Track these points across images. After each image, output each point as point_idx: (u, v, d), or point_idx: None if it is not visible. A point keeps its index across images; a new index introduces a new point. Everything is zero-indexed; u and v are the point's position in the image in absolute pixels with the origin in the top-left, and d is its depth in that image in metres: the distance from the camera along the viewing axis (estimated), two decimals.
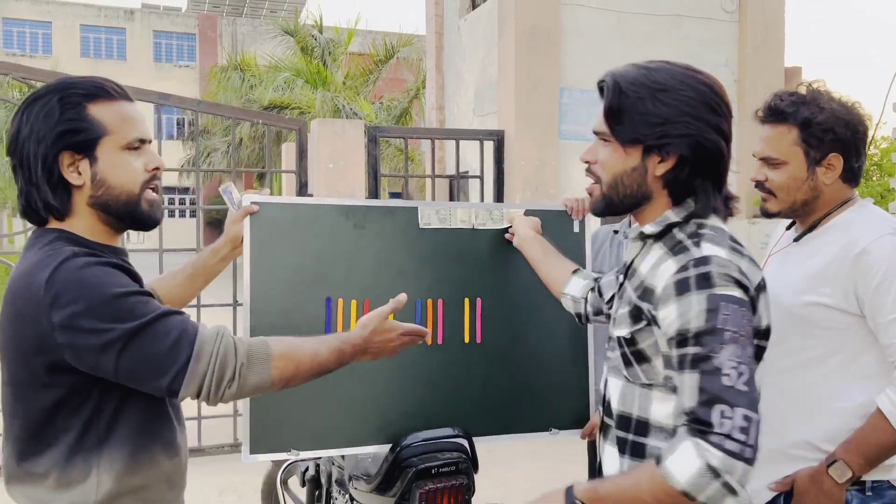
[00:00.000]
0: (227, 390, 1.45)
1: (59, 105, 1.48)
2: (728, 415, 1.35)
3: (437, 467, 2.13)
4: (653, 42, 7.44)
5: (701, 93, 1.52)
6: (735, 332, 1.40)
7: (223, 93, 19.79)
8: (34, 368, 1.43)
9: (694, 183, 1.54)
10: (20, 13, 34.80)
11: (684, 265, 1.47)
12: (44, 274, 1.40)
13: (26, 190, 1.50)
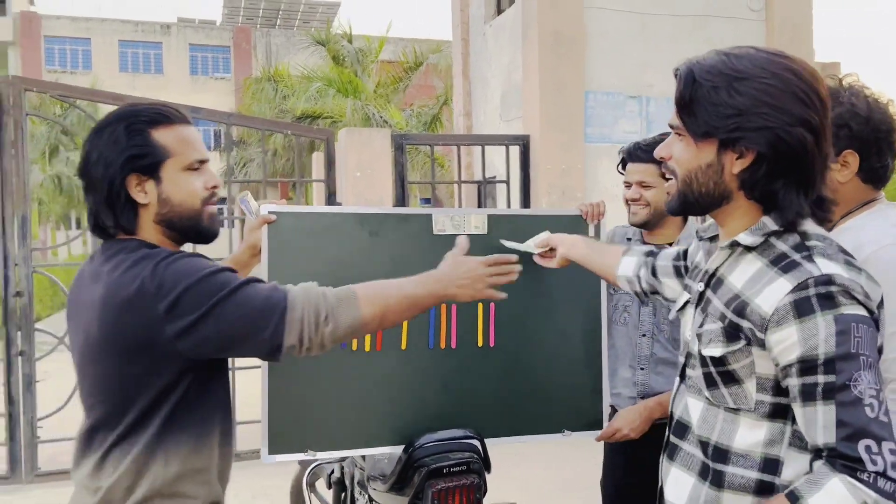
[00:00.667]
0: (325, 330, 1.58)
1: (126, 132, 1.61)
2: (875, 450, 1.24)
3: (449, 467, 2.19)
4: (677, 43, 7.43)
5: (786, 80, 1.36)
6: (869, 355, 1.28)
7: (257, 104, 20.12)
8: (134, 361, 1.55)
9: (775, 184, 1.39)
10: (61, 31, 35.66)
11: (802, 283, 1.32)
12: (146, 272, 1.53)
13: (96, 209, 1.64)
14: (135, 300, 1.52)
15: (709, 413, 1.47)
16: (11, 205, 5.57)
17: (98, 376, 1.60)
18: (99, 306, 1.57)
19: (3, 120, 5.56)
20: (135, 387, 1.57)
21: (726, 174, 1.42)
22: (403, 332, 2.28)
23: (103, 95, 6.36)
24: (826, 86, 1.41)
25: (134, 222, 1.64)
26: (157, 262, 1.55)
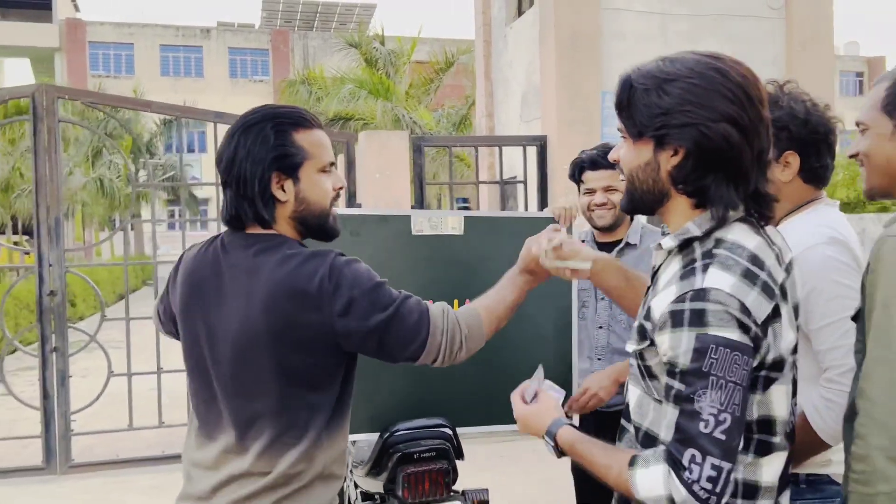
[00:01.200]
0: (459, 355, 1.79)
1: (273, 132, 1.70)
2: (698, 461, 1.35)
3: (420, 453, 2.34)
4: (696, 42, 7.46)
5: (710, 79, 1.42)
6: (721, 377, 1.35)
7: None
8: (303, 353, 1.66)
9: (706, 179, 1.44)
10: (105, 37, 36.54)
11: (681, 296, 1.40)
12: (323, 270, 1.65)
13: (236, 202, 1.72)
14: (313, 295, 1.63)
15: (643, 401, 1.56)
16: (46, 208, 5.83)
17: (264, 366, 1.67)
18: (265, 298, 1.65)
19: (38, 126, 5.82)
20: (305, 377, 1.68)
21: (662, 172, 1.48)
22: None
23: (131, 102, 6.63)
24: (761, 86, 1.48)
25: (273, 217, 1.72)
26: (333, 261, 1.68)
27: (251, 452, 1.68)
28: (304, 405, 1.69)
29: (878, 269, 1.49)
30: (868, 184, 1.74)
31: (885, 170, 1.66)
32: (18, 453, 6.25)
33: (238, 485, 1.68)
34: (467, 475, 2.60)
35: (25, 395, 6.39)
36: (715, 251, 1.42)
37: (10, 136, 18.46)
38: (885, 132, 1.64)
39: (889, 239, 1.50)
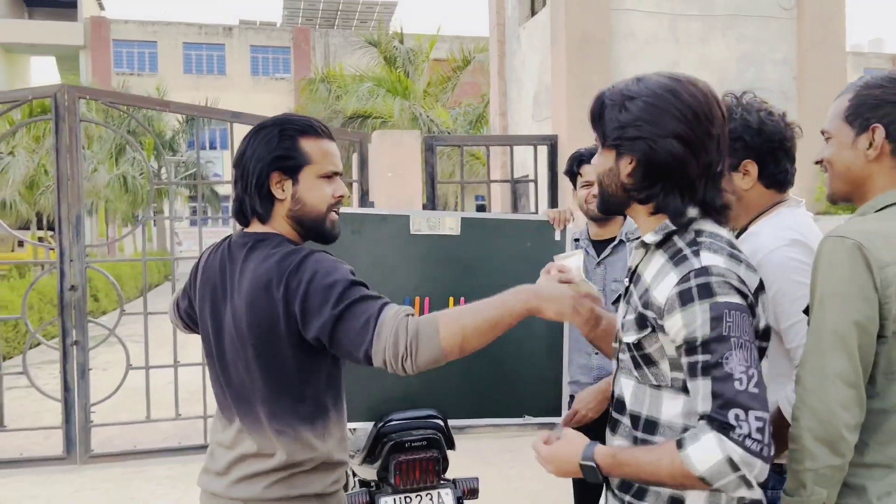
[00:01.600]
0: (405, 364, 1.69)
1: (278, 135, 1.85)
2: (743, 418, 1.44)
3: (411, 442, 2.45)
4: (707, 43, 7.52)
5: (663, 99, 1.57)
6: (739, 336, 1.47)
7: (311, 104, 20.61)
8: (288, 341, 1.77)
9: (654, 188, 1.60)
10: (129, 35, 36.96)
11: (685, 276, 1.52)
12: (295, 258, 1.76)
13: (241, 197, 1.88)
14: (280, 286, 1.74)
15: (638, 390, 1.65)
16: (67, 205, 6.00)
17: (250, 357, 1.80)
18: (247, 292, 1.79)
19: (59, 126, 5.99)
20: (288, 367, 1.79)
21: (621, 178, 1.64)
22: None
23: (150, 102, 6.79)
24: (714, 107, 1.59)
25: (269, 213, 1.86)
26: (304, 255, 1.78)
27: (253, 437, 1.82)
28: (291, 394, 1.80)
29: (818, 267, 1.60)
30: (830, 189, 1.82)
31: (846, 176, 1.75)
32: (40, 444, 6.44)
33: (248, 463, 1.82)
34: (477, 468, 2.70)
35: (48, 388, 6.59)
36: (699, 239, 1.57)
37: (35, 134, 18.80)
38: (846, 141, 1.73)
39: (829, 239, 1.61)
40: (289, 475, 1.80)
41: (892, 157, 1.68)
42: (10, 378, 8.06)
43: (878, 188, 1.70)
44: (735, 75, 7.65)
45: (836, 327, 1.56)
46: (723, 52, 7.58)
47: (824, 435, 1.55)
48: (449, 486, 2.56)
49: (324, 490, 1.84)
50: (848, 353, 1.56)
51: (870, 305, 1.55)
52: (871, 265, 1.55)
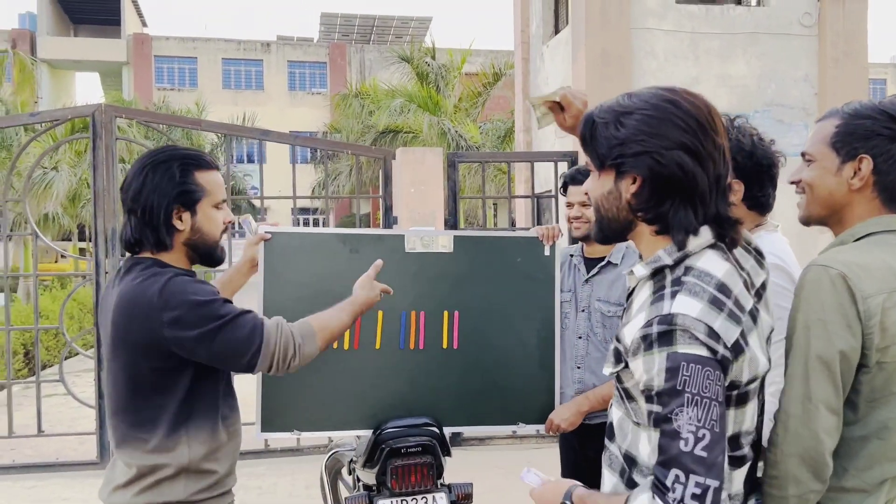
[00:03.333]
0: (293, 363, 2.00)
1: (179, 171, 2.01)
2: (682, 480, 1.36)
3: (407, 448, 2.60)
4: (727, 60, 7.58)
5: (663, 110, 1.47)
6: (696, 394, 1.37)
7: (345, 119, 20.93)
8: (144, 358, 1.92)
9: (664, 206, 1.49)
10: (170, 51, 37.74)
11: (649, 321, 1.43)
12: (156, 287, 1.91)
13: (140, 228, 2.01)
14: (145, 307, 1.90)
15: (623, 423, 1.59)
16: (103, 219, 6.27)
17: (114, 369, 1.97)
18: (114, 310, 1.96)
19: (96, 143, 6.27)
20: (148, 380, 1.94)
21: (623, 200, 1.52)
22: (378, 333, 2.70)
23: (182, 120, 7.05)
24: (716, 116, 1.51)
25: (169, 242, 2.01)
26: (168, 280, 1.92)
27: (119, 447, 1.97)
28: (149, 405, 1.95)
29: (801, 295, 1.62)
30: (806, 211, 1.82)
31: (826, 202, 1.75)
32: (76, 448, 6.70)
33: (120, 472, 1.98)
34: (497, 478, 2.78)
35: (86, 395, 6.84)
36: (684, 279, 1.46)
37: (77, 149, 19.35)
38: (830, 167, 1.72)
39: (813, 267, 1.63)
40: (153, 482, 1.94)
41: (874, 187, 1.69)
42: (51, 385, 8.36)
43: (856, 216, 1.71)
44: (756, 92, 7.70)
45: (822, 354, 1.56)
46: (743, 69, 7.64)
47: (809, 461, 1.56)
48: (444, 490, 2.71)
49: (188, 497, 1.96)
50: (832, 380, 1.56)
51: (853, 335, 1.56)
52: (855, 295, 1.56)
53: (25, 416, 7.32)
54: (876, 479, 1.61)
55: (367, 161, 16.79)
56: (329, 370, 2.67)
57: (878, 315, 1.56)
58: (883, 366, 1.58)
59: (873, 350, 1.57)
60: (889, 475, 1.61)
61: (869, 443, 1.61)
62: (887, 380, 1.59)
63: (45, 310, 12.15)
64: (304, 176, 25.59)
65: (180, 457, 1.95)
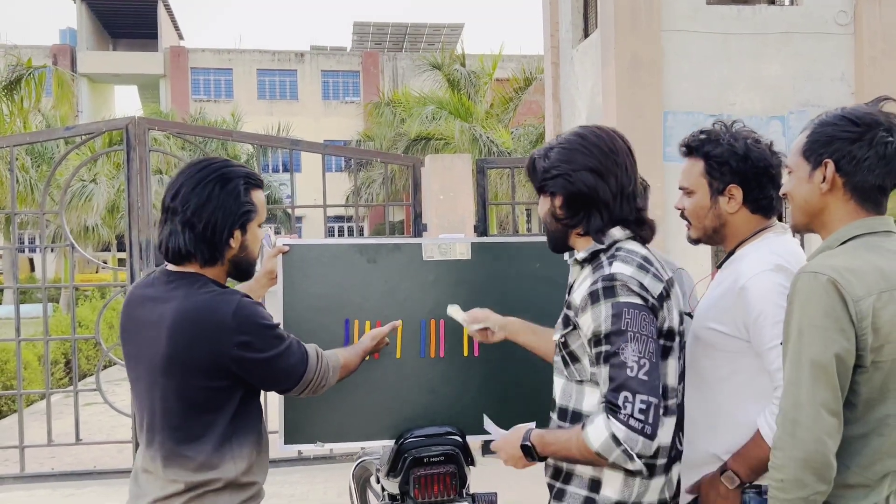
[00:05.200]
0: (320, 390, 2.16)
1: (244, 189, 2.03)
2: (630, 400, 1.74)
3: (430, 457, 2.58)
4: (760, 61, 7.48)
5: (572, 142, 1.96)
6: (637, 331, 1.77)
7: (377, 127, 21.04)
8: (203, 377, 1.93)
9: (579, 215, 1.95)
10: (205, 63, 38.30)
11: (595, 280, 1.85)
12: (229, 309, 1.93)
13: (195, 242, 1.98)
14: (215, 326, 1.91)
15: (567, 387, 1.97)
16: (137, 230, 6.37)
17: (164, 386, 1.94)
18: (171, 325, 1.92)
19: (130, 155, 6.38)
20: (200, 398, 1.94)
21: (555, 214, 2.00)
22: (398, 343, 2.69)
23: (213, 132, 7.14)
24: (618, 142, 1.97)
25: (222, 259, 2.03)
26: (239, 301, 1.96)
27: (162, 461, 1.95)
28: (199, 422, 1.95)
29: (794, 302, 1.69)
30: (792, 220, 1.94)
31: (804, 209, 1.86)
32: (114, 457, 6.81)
33: (160, 486, 1.96)
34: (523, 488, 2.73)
35: (124, 404, 6.94)
36: (616, 254, 1.91)
37: (115, 162, 19.72)
38: (803, 175, 1.84)
39: (803, 274, 1.71)
40: (199, 494, 1.94)
41: (845, 189, 1.79)
42: (90, 395, 8.50)
43: (836, 219, 1.81)
44: (791, 93, 7.57)
45: (817, 358, 1.63)
46: (777, 70, 7.52)
47: (813, 463, 1.62)
48: (467, 500, 2.68)
49: None
50: (830, 383, 1.63)
51: (847, 338, 1.63)
52: (846, 299, 1.63)
53: (64, 424, 7.45)
54: (878, 475, 1.68)
55: (399, 169, 16.86)
56: (350, 381, 2.64)
57: (870, 317, 1.64)
58: (878, 365, 1.66)
59: (868, 351, 1.65)
60: (890, 469, 1.68)
61: (869, 440, 1.68)
62: (884, 378, 1.66)
63: (84, 319, 12.36)
64: (339, 184, 25.77)
65: (227, 472, 1.97)
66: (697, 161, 2.17)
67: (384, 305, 2.70)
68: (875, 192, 1.78)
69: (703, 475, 2.07)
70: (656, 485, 1.89)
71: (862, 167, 1.76)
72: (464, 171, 6.98)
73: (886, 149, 1.75)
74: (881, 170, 1.76)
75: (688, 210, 2.22)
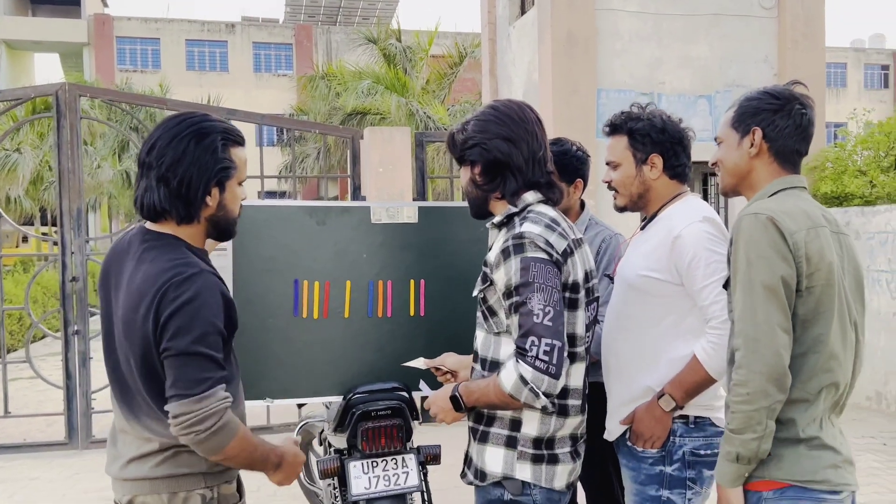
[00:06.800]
0: (189, 437, 1.81)
1: (221, 145, 1.92)
2: (536, 343, 1.94)
3: (376, 411, 2.68)
4: (690, 42, 7.71)
5: (486, 114, 2.17)
6: (542, 283, 1.97)
7: (312, 101, 20.80)
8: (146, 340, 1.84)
9: (496, 180, 2.14)
10: (132, 32, 37.11)
11: (506, 238, 2.06)
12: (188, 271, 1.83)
13: (171, 199, 1.90)
14: (157, 296, 1.82)
15: (486, 339, 2.15)
16: (68, 199, 6.24)
17: (131, 348, 1.88)
18: (134, 289, 1.87)
19: (61, 123, 6.23)
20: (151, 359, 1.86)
21: (475, 182, 2.19)
22: (346, 303, 2.76)
23: (147, 100, 7.01)
24: (528, 113, 2.16)
25: (198, 217, 1.95)
26: (191, 276, 1.83)
27: (138, 422, 1.91)
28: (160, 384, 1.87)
29: (739, 238, 1.90)
30: (722, 184, 2.16)
31: (734, 171, 2.09)
32: (43, 430, 6.70)
33: (136, 446, 1.93)
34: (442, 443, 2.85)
35: (52, 379, 6.82)
36: (526, 216, 2.11)
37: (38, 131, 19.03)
38: (733, 143, 2.08)
39: (745, 216, 1.92)
40: (172, 454, 1.90)
41: (769, 153, 2.04)
42: (15, 370, 8.30)
43: (762, 179, 2.05)
44: (717, 74, 7.84)
45: (767, 282, 1.84)
46: (705, 51, 7.77)
47: (774, 375, 1.82)
48: (413, 452, 2.79)
49: (210, 469, 1.93)
50: (780, 304, 1.84)
51: (789, 265, 1.85)
52: (784, 233, 1.85)
53: None
54: (815, 389, 1.88)
55: (334, 143, 16.79)
56: (300, 340, 2.73)
57: (803, 248, 1.86)
58: (811, 290, 1.87)
59: (803, 277, 1.86)
60: (824, 384, 1.89)
61: (807, 358, 1.88)
62: (816, 302, 1.87)
63: (7, 294, 11.99)
64: (272, 159, 25.39)
65: None
66: (622, 137, 2.50)
67: (333, 267, 2.76)
68: (793, 155, 2.04)
69: (638, 406, 2.33)
70: (571, 423, 2.13)
71: (783, 134, 2.01)
72: (403, 144, 7.04)
73: (801, 119, 2.01)
74: (797, 136, 2.02)
75: (615, 181, 2.53)
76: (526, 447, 2.09)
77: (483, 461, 2.14)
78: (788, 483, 1.87)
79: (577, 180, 2.97)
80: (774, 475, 1.88)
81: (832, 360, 1.89)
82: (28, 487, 5.43)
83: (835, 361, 1.89)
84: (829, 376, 1.89)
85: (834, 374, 1.89)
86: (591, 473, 2.78)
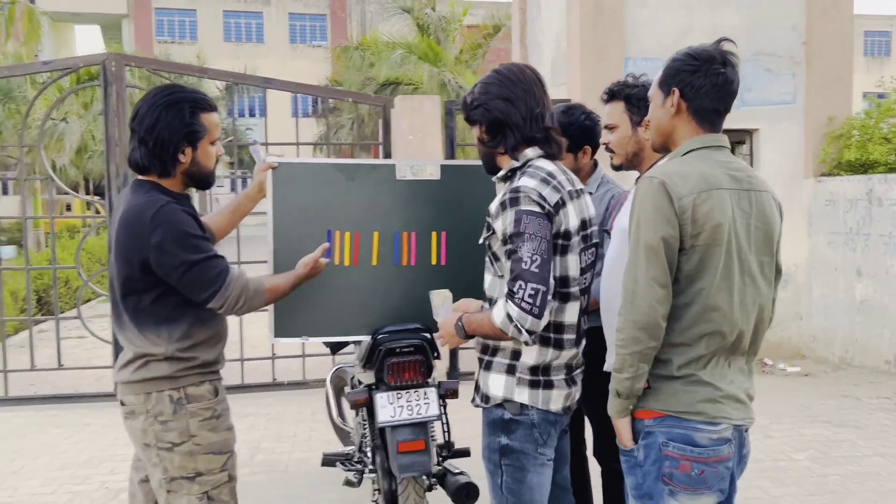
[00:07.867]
0: (239, 309, 2.45)
1: (189, 111, 2.39)
2: (522, 287, 2.19)
3: (401, 348, 2.97)
4: (718, 9, 7.78)
5: (490, 77, 2.42)
6: (532, 233, 2.21)
7: (346, 71, 21.00)
8: (135, 270, 2.33)
9: (498, 137, 2.38)
10: (169, 3, 37.58)
11: (505, 192, 2.31)
12: (150, 212, 2.30)
13: (149, 157, 2.39)
14: (138, 227, 2.30)
15: (493, 281, 2.42)
16: (115, 165, 6.57)
17: (115, 273, 2.39)
18: (118, 224, 2.37)
19: (108, 91, 6.55)
20: (130, 285, 2.34)
21: (482, 140, 2.45)
22: (374, 251, 3.03)
23: (190, 69, 7.31)
24: (528, 74, 2.38)
25: (171, 171, 2.42)
26: (161, 206, 2.31)
27: (122, 334, 2.42)
28: (140, 306, 2.37)
29: (635, 200, 2.13)
30: (651, 140, 2.35)
31: (658, 129, 2.27)
32: (92, 384, 7.12)
33: (122, 354, 2.45)
34: None
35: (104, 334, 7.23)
36: (525, 170, 2.35)
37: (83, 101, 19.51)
38: (658, 103, 2.24)
39: (643, 179, 2.14)
40: (144, 363, 2.38)
41: (688, 112, 2.18)
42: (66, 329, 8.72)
43: (681, 137, 2.22)
44: (746, 42, 7.89)
45: (649, 242, 2.05)
46: (734, 19, 7.83)
47: (645, 324, 2.04)
48: (434, 386, 3.07)
49: (173, 374, 2.39)
50: (659, 261, 2.05)
51: (672, 227, 2.04)
52: (672, 197, 2.04)
53: (43, 356, 7.72)
54: (695, 335, 2.10)
55: (368, 114, 17.00)
56: (332, 284, 3.00)
57: (690, 210, 2.05)
58: (696, 248, 2.07)
59: (688, 237, 2.06)
60: (705, 332, 2.09)
61: (689, 308, 2.10)
62: (700, 259, 2.07)
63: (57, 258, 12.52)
64: (307, 129, 25.76)
65: (162, 346, 2.36)
66: (619, 102, 2.83)
67: (362, 219, 3.03)
68: (711, 114, 2.18)
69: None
70: (566, 354, 2.40)
71: (700, 94, 2.14)
72: (433, 112, 7.25)
73: (718, 79, 2.13)
74: (715, 95, 2.15)
75: (613, 142, 2.85)
76: (524, 374, 2.36)
77: (487, 386, 2.42)
78: (665, 413, 2.10)
79: (586, 146, 3.19)
80: (653, 406, 2.12)
81: (714, 312, 2.07)
82: (83, 431, 5.84)
83: (717, 313, 2.08)
84: (710, 325, 2.08)
85: (715, 323, 2.08)
86: (597, 405, 3.04)
